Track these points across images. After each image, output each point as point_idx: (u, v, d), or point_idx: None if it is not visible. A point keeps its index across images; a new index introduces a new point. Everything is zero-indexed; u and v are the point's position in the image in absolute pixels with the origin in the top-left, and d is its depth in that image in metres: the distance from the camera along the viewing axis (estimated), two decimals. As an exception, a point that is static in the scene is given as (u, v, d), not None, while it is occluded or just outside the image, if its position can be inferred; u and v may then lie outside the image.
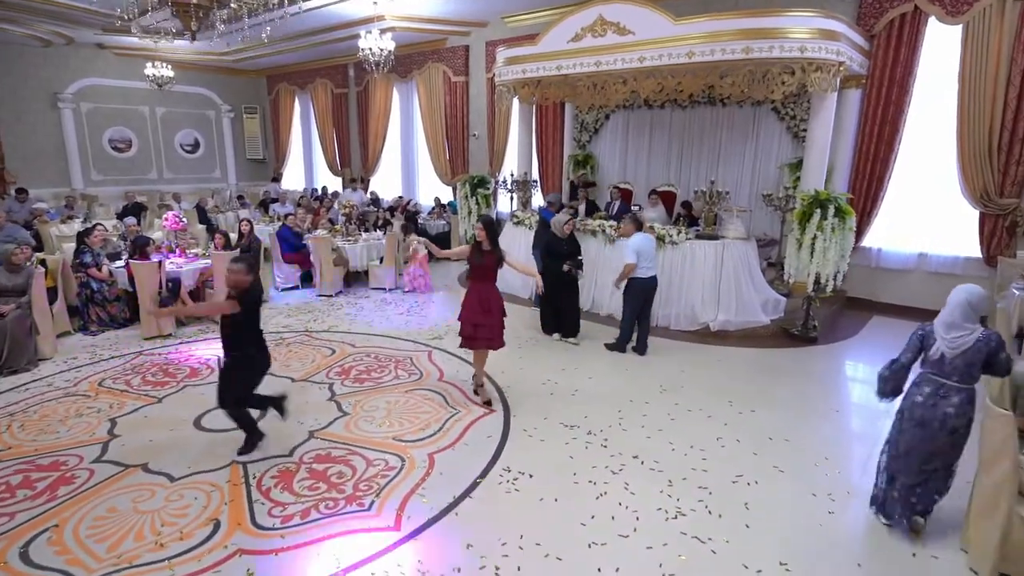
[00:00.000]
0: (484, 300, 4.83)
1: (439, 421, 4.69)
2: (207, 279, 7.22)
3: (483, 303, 4.82)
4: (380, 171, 15.37)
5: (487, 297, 4.85)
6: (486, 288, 4.88)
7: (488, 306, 4.83)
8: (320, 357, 6.09)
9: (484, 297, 4.84)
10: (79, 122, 15.00)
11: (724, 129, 9.23)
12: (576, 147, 11.00)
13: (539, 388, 5.41)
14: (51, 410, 4.80)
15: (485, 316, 4.82)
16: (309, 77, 16.41)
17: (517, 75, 8.41)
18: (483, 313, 4.82)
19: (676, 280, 7.19)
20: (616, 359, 6.22)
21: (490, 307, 4.83)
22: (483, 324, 4.82)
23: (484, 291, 4.85)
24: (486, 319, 4.82)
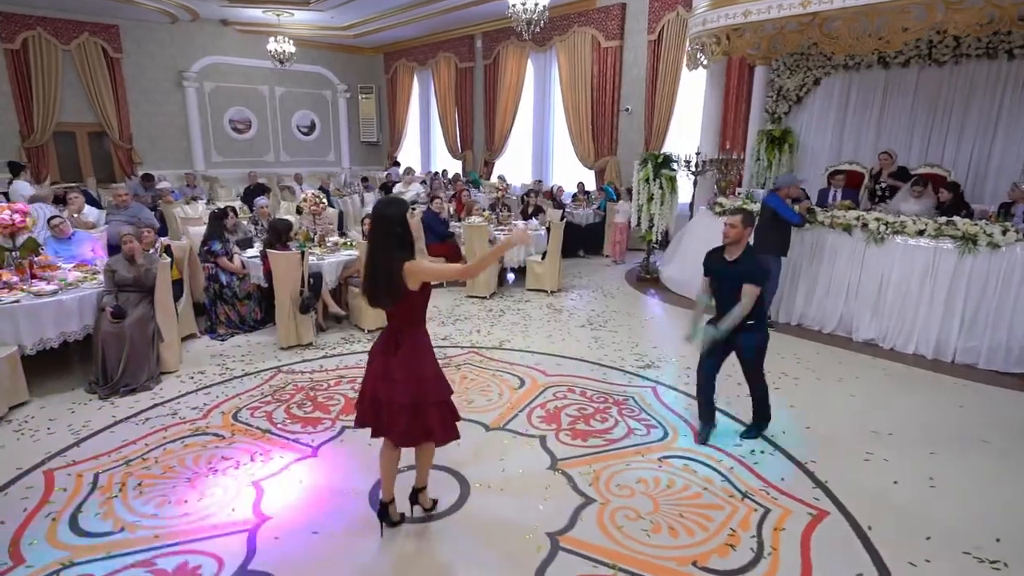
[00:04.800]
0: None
1: (747, 527, 2.91)
2: (352, 274, 5.84)
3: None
4: (506, 154, 13.82)
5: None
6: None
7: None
8: (507, 390, 4.50)
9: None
10: (202, 101, 14.55)
11: (1009, 89, 6.78)
12: (768, 121, 8.83)
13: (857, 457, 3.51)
14: (177, 458, 3.47)
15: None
16: (430, 52, 15.12)
17: (731, 21, 6.42)
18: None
19: (990, 299, 5.01)
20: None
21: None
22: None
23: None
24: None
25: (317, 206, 5.94)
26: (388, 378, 2.53)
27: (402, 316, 2.57)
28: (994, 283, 4.98)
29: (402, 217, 2.50)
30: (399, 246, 2.45)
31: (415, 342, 2.58)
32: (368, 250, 2.55)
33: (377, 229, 2.50)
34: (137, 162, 13.54)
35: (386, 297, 2.49)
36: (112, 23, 12.70)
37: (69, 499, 3.06)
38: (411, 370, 2.53)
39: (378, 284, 2.48)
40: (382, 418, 2.59)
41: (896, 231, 5.45)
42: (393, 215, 2.49)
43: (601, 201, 9.77)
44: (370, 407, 2.62)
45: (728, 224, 3.45)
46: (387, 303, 2.52)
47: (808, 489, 3.26)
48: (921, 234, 5.32)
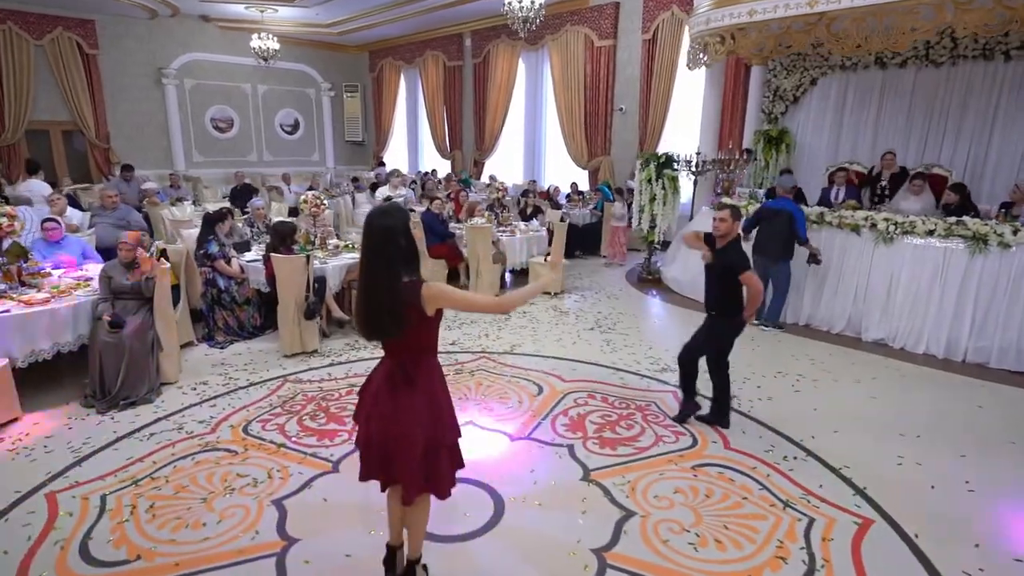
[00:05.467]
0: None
1: (794, 538, 2.83)
2: (357, 278, 5.64)
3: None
4: (497, 153, 13.68)
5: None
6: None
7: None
8: (527, 397, 4.37)
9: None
10: (182, 99, 14.14)
11: (1005, 90, 6.87)
12: (764, 121, 8.84)
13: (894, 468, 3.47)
14: (189, 477, 3.27)
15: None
16: (418, 50, 14.92)
17: (736, 20, 6.37)
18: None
19: (1000, 299, 5.03)
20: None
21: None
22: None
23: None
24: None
25: (318, 207, 5.74)
26: (398, 420, 2.10)
27: (412, 345, 2.13)
28: (1005, 283, 5.00)
29: (406, 227, 2.04)
30: (406, 263, 2.03)
31: (430, 373, 2.18)
32: (365, 270, 2.04)
33: (376, 243, 2.02)
34: (115, 162, 13.04)
35: (393, 326, 2.02)
36: (88, 18, 12.25)
37: (77, 524, 2.84)
38: (431, 407, 2.14)
39: (381, 311, 2.00)
40: (394, 467, 2.16)
41: (906, 231, 5.46)
42: (395, 226, 2.02)
43: (598, 201, 9.69)
44: (378, 456, 2.18)
45: (718, 218, 3.70)
46: (393, 332, 2.06)
47: (848, 496, 3.20)
48: (931, 234, 5.33)
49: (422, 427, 2.12)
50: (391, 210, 2.10)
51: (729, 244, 3.70)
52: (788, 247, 5.75)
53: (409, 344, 2.13)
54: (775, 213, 5.78)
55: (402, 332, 2.05)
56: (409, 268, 2.05)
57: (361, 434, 2.28)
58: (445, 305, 2.11)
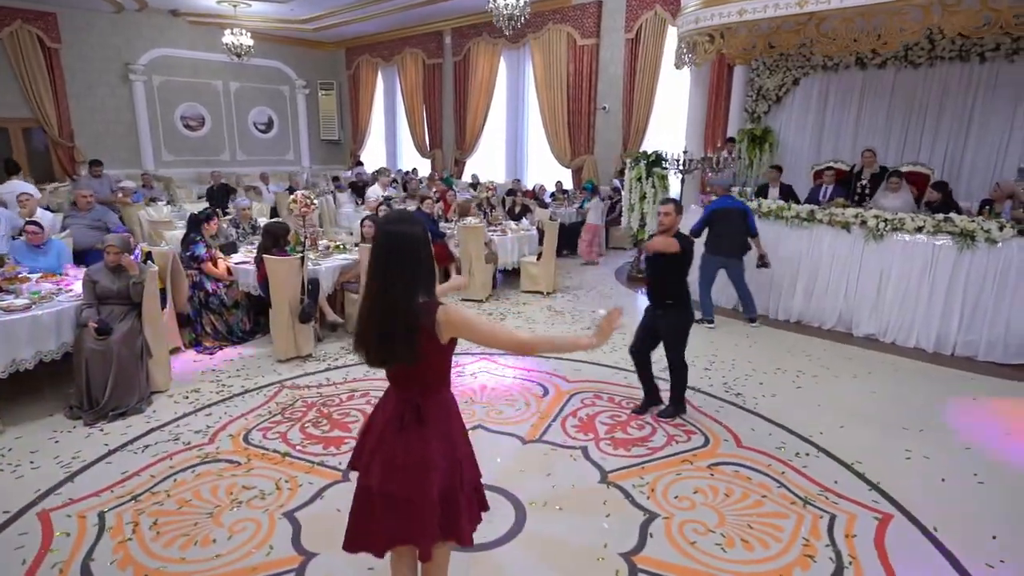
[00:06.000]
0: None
1: (819, 536, 2.83)
2: (350, 280, 5.50)
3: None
4: (478, 152, 13.58)
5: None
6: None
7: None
8: (533, 399, 4.30)
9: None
10: (151, 96, 13.66)
11: (981, 91, 7.08)
12: (748, 120, 8.95)
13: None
14: (191, 491, 3.11)
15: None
16: (396, 47, 14.71)
17: (726, 20, 6.41)
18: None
19: (988, 293, 5.16)
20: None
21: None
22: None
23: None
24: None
25: (308, 207, 5.57)
26: (407, 465, 1.78)
27: (422, 377, 1.81)
28: (992, 278, 5.13)
29: (427, 237, 1.76)
30: (425, 279, 1.73)
31: (445, 408, 1.87)
32: (375, 285, 1.72)
33: (391, 255, 1.70)
34: (80, 160, 12.55)
35: (405, 352, 1.69)
36: (49, 10, 11.73)
37: (75, 545, 2.67)
38: (446, 448, 1.82)
39: (393, 335, 1.68)
40: (403, 523, 1.81)
41: (895, 228, 5.56)
42: (415, 235, 1.72)
43: (584, 200, 9.68)
44: (383, 510, 1.82)
45: (663, 212, 3.80)
46: (404, 359, 1.72)
47: (864, 491, 3.22)
48: (919, 231, 5.45)
49: (437, 473, 1.79)
50: (409, 217, 1.84)
51: (677, 233, 3.85)
52: (745, 244, 5.89)
53: (419, 375, 1.81)
54: (726, 212, 5.88)
55: (415, 362, 1.73)
56: (427, 286, 1.74)
57: (360, 485, 1.88)
58: (464, 335, 1.75)
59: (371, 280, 1.74)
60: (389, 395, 1.92)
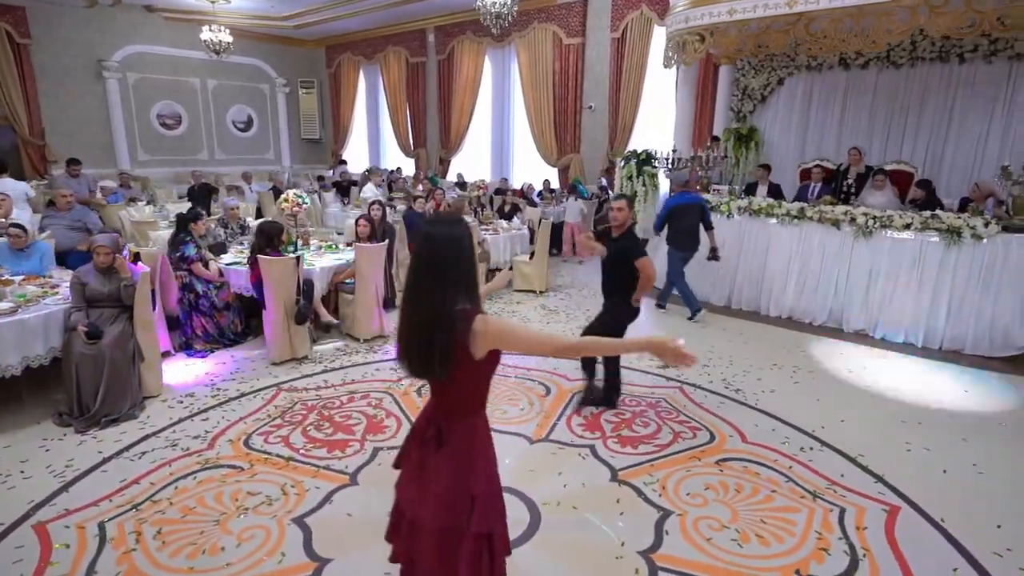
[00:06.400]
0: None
1: (831, 529, 2.86)
2: (345, 279, 5.41)
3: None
4: (463, 151, 13.50)
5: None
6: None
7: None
8: (536, 398, 4.28)
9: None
10: (125, 94, 13.30)
11: (960, 91, 7.25)
12: (734, 119, 9.05)
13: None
14: (195, 498, 3.01)
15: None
16: (378, 45, 14.55)
17: (715, 19, 6.47)
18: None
19: (974, 288, 5.29)
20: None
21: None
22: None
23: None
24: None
25: (299, 207, 5.46)
26: (423, 484, 1.72)
27: (453, 394, 1.70)
28: (977, 274, 5.26)
29: (469, 242, 1.64)
30: (465, 289, 1.60)
31: (468, 437, 1.72)
32: (415, 292, 1.62)
33: (434, 261, 1.59)
34: (52, 160, 12.18)
35: (441, 364, 1.57)
36: (17, 4, 11.33)
37: (76, 558, 2.57)
38: (458, 482, 1.68)
39: (432, 344, 1.57)
40: (400, 539, 1.81)
41: (884, 225, 5.66)
42: (461, 240, 1.61)
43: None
44: (399, 516, 1.83)
45: (616, 208, 3.86)
46: (438, 373, 1.60)
47: (869, 484, 3.26)
48: (908, 228, 5.56)
49: (441, 501, 1.67)
50: (454, 219, 1.70)
51: (625, 232, 3.90)
52: (699, 237, 6.08)
53: (450, 394, 1.70)
54: (686, 207, 6.04)
55: (448, 375, 1.61)
56: (469, 292, 1.61)
57: (396, 490, 1.87)
58: (505, 346, 1.62)
59: (411, 284, 1.64)
60: (426, 406, 1.83)
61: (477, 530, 1.68)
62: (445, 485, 1.68)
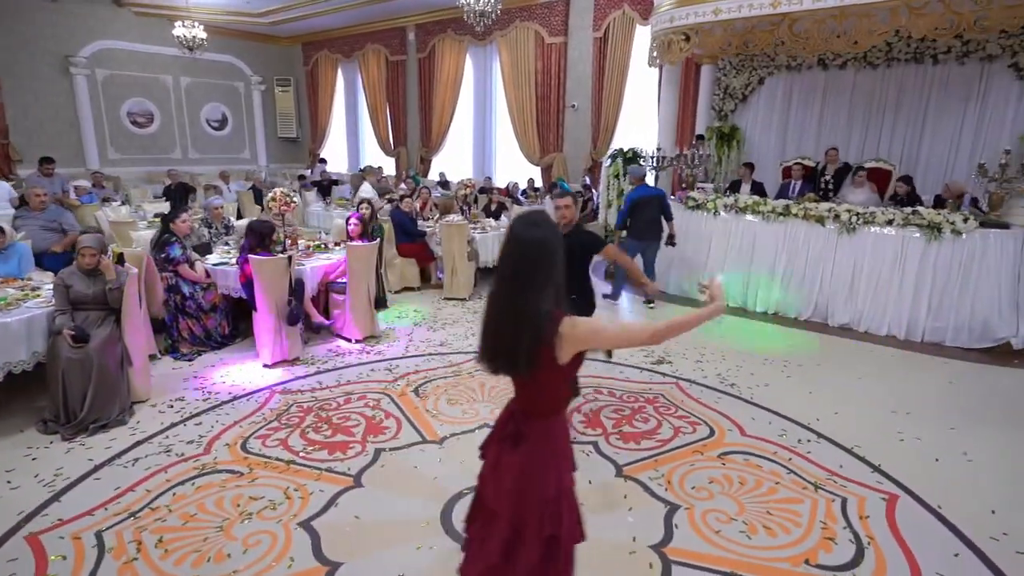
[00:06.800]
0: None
1: (834, 518, 2.91)
2: (337, 279, 5.32)
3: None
4: (445, 150, 13.43)
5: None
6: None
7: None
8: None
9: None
10: (94, 91, 12.92)
11: (934, 91, 7.48)
12: (715, 118, 9.18)
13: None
14: (195, 504, 2.93)
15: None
16: (357, 43, 14.39)
17: (700, 19, 6.54)
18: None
19: (953, 282, 5.45)
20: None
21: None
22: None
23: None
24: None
25: (288, 205, 5.36)
26: (497, 478, 1.75)
27: (533, 395, 1.71)
28: (957, 268, 5.42)
29: (558, 245, 1.62)
30: (552, 291, 1.60)
31: (543, 437, 1.71)
32: (499, 293, 1.63)
33: (524, 260, 1.58)
34: (16, 159, 11.78)
35: (525, 363, 1.59)
36: (-23, -2, 10.93)
37: (75, 569, 2.47)
38: (527, 480, 1.68)
39: (519, 342, 1.57)
40: (476, 525, 1.84)
41: (867, 221, 5.80)
42: (551, 241, 1.60)
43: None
44: (480, 506, 1.86)
45: (563, 206, 3.62)
46: (521, 369, 1.62)
47: (867, 474, 3.33)
48: (890, 224, 5.70)
49: (510, 498, 1.69)
50: (543, 221, 1.64)
51: (574, 228, 3.65)
52: (661, 227, 6.35)
53: (531, 394, 1.71)
54: (647, 200, 6.30)
55: (530, 374, 1.63)
56: (556, 296, 1.61)
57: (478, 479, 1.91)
58: (592, 345, 1.62)
59: (499, 284, 1.63)
60: (510, 402, 1.82)
61: (540, 533, 1.67)
62: (514, 483, 1.69)
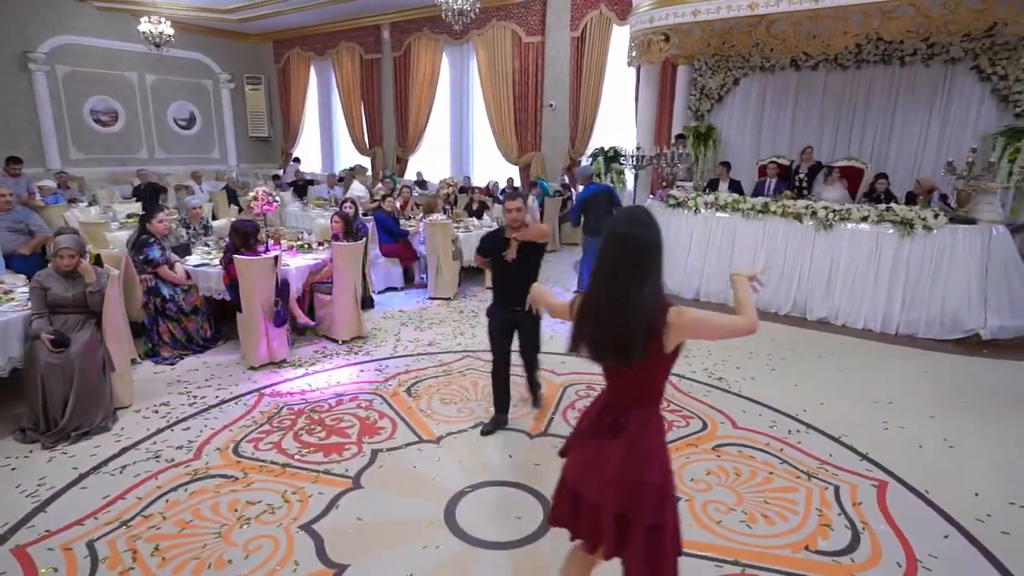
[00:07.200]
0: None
1: (829, 505, 2.99)
2: (323, 279, 5.24)
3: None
4: (422, 149, 13.34)
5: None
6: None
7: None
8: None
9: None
10: (55, 88, 12.46)
11: (902, 92, 7.74)
12: (692, 118, 9.33)
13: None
14: (190, 510, 2.85)
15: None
16: (330, 41, 14.19)
17: (680, 19, 6.65)
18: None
19: (925, 276, 5.65)
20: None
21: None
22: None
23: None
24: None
25: (271, 204, 5.25)
26: (598, 470, 1.75)
27: (634, 385, 1.75)
28: (928, 262, 5.62)
29: (660, 243, 1.67)
30: (658, 283, 1.66)
31: (646, 426, 1.76)
32: (609, 285, 1.66)
33: (625, 258, 1.64)
34: (-28, 159, 11.25)
35: (638, 353, 1.63)
36: (-71, -11, 10.44)
37: (69, 581, 2.38)
38: (631, 469, 1.71)
39: (631, 337, 1.62)
40: (581, 521, 1.82)
41: (843, 218, 5.97)
42: (654, 237, 1.66)
43: (538, 196, 9.72)
44: (568, 503, 1.86)
45: (515, 208, 3.45)
46: (632, 359, 1.64)
47: (856, 462, 3.43)
48: (865, 220, 5.88)
49: (616, 490, 1.71)
50: (648, 218, 1.69)
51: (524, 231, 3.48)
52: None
53: (633, 384, 1.76)
54: (595, 197, 6.35)
55: (631, 365, 1.66)
56: (661, 291, 1.67)
57: (563, 474, 1.92)
58: (701, 334, 1.69)
59: (607, 278, 1.67)
60: (600, 396, 1.88)
61: (649, 522, 1.70)
62: (619, 473, 1.71)
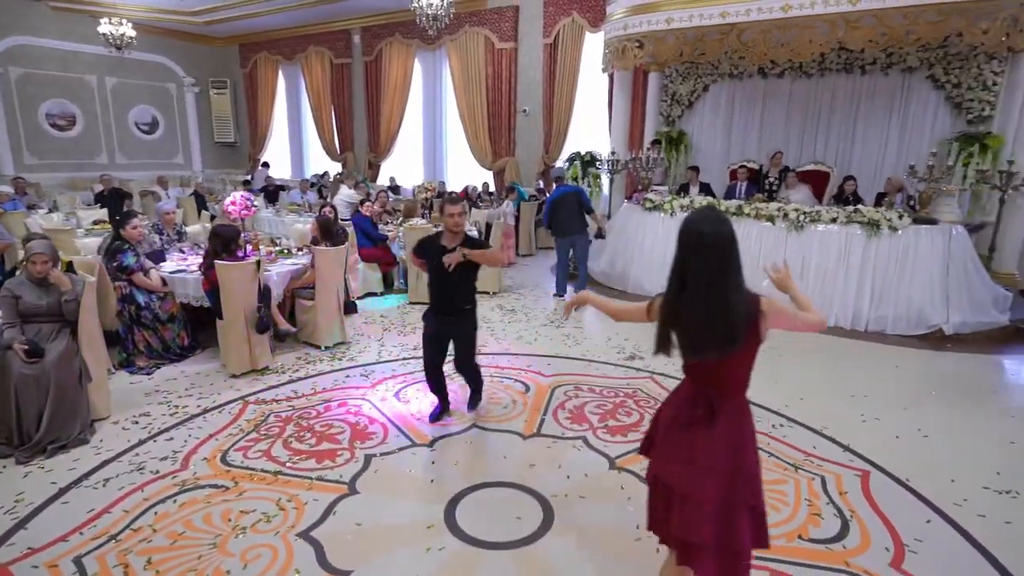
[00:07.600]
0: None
1: (817, 495, 3.09)
2: (306, 285, 5.15)
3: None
4: (394, 155, 13.26)
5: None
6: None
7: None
8: (517, 395, 4.29)
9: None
10: (7, 91, 12.03)
11: (862, 100, 8.08)
12: (663, 123, 9.53)
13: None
14: (181, 522, 2.77)
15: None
16: (299, 45, 14.01)
17: (653, 27, 6.81)
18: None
19: (892, 275, 5.89)
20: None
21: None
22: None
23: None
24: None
25: (249, 209, 5.14)
26: (693, 461, 1.80)
27: (725, 375, 1.84)
28: (894, 261, 5.86)
29: (736, 239, 1.78)
30: (742, 276, 1.77)
31: (738, 415, 1.85)
32: (704, 281, 1.73)
33: (716, 251, 1.72)
34: (-82, 165, 10.74)
35: (736, 338, 1.73)
36: None
37: (58, 599, 2.29)
38: (733, 453, 1.80)
39: (733, 328, 1.72)
40: (673, 515, 1.84)
41: (813, 220, 6.18)
42: (732, 233, 1.76)
43: (515, 201, 9.75)
44: (662, 500, 1.91)
45: (458, 213, 3.44)
46: (726, 351, 1.74)
47: (839, 453, 3.55)
48: (834, 221, 6.10)
49: (719, 476, 1.78)
50: (723, 216, 1.79)
51: (465, 239, 3.49)
52: (584, 221, 6.71)
53: (723, 374, 1.83)
54: (564, 198, 6.65)
55: (726, 356, 1.76)
56: (744, 283, 1.77)
57: (648, 472, 2.00)
58: (783, 325, 1.82)
59: (701, 278, 1.73)
60: (680, 390, 1.96)
61: (753, 502, 1.81)
62: (722, 460, 1.79)
